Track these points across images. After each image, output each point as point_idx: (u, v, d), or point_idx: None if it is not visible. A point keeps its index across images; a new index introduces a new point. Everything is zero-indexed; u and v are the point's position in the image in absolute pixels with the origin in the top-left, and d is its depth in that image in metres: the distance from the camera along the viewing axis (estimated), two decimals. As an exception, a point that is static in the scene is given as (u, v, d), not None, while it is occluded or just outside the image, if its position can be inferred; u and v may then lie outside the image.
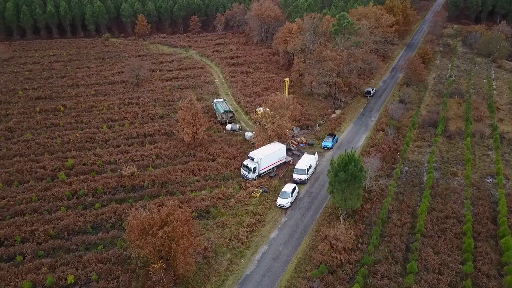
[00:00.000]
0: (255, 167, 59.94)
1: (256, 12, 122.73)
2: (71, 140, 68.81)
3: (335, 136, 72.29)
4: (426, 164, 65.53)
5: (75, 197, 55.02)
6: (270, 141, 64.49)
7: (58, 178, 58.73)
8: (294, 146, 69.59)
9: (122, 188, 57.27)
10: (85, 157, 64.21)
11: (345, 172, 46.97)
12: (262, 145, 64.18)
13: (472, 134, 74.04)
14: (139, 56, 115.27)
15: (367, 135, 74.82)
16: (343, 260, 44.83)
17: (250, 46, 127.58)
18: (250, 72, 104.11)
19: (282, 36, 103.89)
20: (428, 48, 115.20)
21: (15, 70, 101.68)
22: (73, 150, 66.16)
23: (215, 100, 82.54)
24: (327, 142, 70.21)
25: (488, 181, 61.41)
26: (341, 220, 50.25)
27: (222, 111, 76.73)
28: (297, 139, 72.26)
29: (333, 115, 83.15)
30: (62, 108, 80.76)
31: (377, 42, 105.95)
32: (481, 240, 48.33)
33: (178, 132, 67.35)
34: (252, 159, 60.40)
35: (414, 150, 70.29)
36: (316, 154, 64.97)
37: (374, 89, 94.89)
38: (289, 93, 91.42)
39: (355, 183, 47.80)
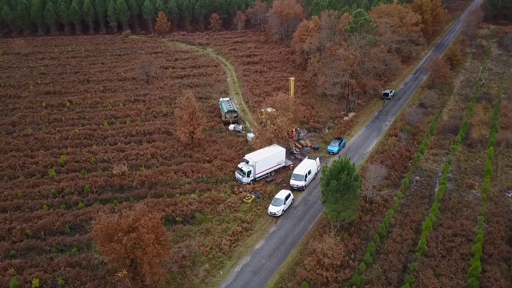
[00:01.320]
0: (250, 170, 56.40)
1: (276, 10, 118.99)
2: (69, 136, 67.65)
3: (342, 140, 67.64)
4: (440, 174, 59.94)
5: (60, 196, 53.37)
6: (269, 144, 60.77)
7: (48, 174, 57.32)
8: (297, 149, 65.51)
9: (110, 187, 55.18)
10: (80, 154, 62.72)
11: (337, 181, 42.67)
12: (261, 147, 60.56)
13: (496, 142, 67.53)
14: (155, 53, 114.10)
15: (378, 140, 69.67)
16: (329, 278, 40.59)
17: (269, 44, 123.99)
18: (264, 71, 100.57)
19: (299, 34, 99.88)
20: (457, 49, 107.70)
21: (31, 65, 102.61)
22: (69, 147, 64.86)
23: (221, 99, 79.56)
24: (333, 147, 65.72)
25: (509, 195, 55.22)
26: (332, 233, 45.88)
27: (226, 110, 73.63)
28: (302, 142, 68.10)
29: (345, 118, 78.35)
30: (68, 104, 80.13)
31: (400, 42, 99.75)
32: (491, 263, 42.76)
33: (176, 131, 64.71)
34: (247, 162, 56.92)
35: (429, 158, 64.65)
36: (317, 159, 60.72)
37: (393, 91, 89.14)
38: (302, 94, 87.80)
39: (349, 193, 43.37)
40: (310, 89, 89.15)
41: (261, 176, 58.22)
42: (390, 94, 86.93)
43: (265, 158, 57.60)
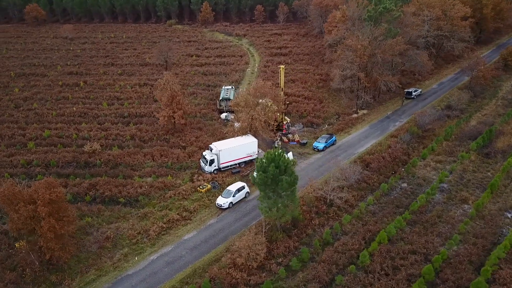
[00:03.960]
0: (213, 159, 53.30)
1: (315, 1, 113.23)
2: (65, 113, 69.82)
3: (332, 137, 61.57)
4: (434, 183, 51.79)
5: (29, 166, 54.88)
6: (243, 133, 57.08)
7: (27, 146, 59.41)
8: (279, 143, 60.80)
9: (76, 163, 55.60)
10: (67, 130, 64.30)
11: (264, 173, 38.17)
12: (233, 136, 57.17)
13: (521, 155, 57.02)
14: (189, 41, 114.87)
15: (377, 141, 62.36)
16: (239, 280, 36.39)
17: (307, 38, 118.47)
18: (288, 63, 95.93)
19: (327, 26, 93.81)
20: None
21: (71, 48, 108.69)
22: (61, 123, 66.89)
23: (223, 87, 77.06)
24: (319, 143, 60.06)
25: (509, 215, 45.90)
26: (263, 232, 41.30)
27: (220, 98, 71.03)
28: (290, 136, 63.23)
29: (354, 115, 71.57)
30: (81, 84, 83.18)
31: (441, 37, 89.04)
32: (441, 291, 35.48)
33: (157, 114, 63.65)
34: (212, 150, 53.93)
35: (429, 165, 56.37)
36: (290, 153, 55.73)
37: (419, 90, 79.80)
38: (318, 88, 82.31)
39: (279, 188, 38.60)
40: (327, 83, 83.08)
41: (228, 166, 54.81)
42: (414, 94, 77.88)
43: (232, 148, 54.11)
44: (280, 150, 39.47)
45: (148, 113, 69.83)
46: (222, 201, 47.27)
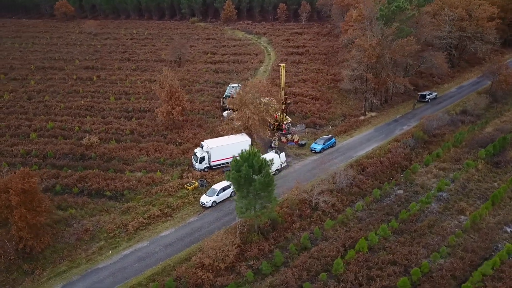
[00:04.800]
0: (204, 156, 52.73)
1: (336, 0, 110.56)
2: (73, 106, 71.29)
3: (332, 139, 59.58)
4: (433, 191, 49.00)
5: (28, 156, 56.27)
6: (237, 132, 56.19)
7: (29, 137, 61.05)
8: (276, 143, 59.39)
9: (72, 156, 56.49)
10: (70, 122, 65.62)
11: (237, 173, 37.15)
12: (227, 134, 56.39)
13: (534, 165, 53.19)
14: (208, 39, 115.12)
15: (379, 145, 59.81)
16: (205, 281, 35.57)
17: (328, 37, 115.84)
18: (302, 62, 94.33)
19: (344, 25, 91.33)
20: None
21: (92, 43, 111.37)
22: (67, 115, 68.38)
23: (230, 84, 76.40)
24: (317, 145, 58.26)
25: (508, 230, 42.72)
26: (237, 232, 40.25)
27: (224, 95, 70.40)
28: (289, 136, 61.74)
29: (361, 117, 69.14)
30: (95, 78, 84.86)
31: (462, 38, 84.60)
32: (415, 306, 33.31)
33: (156, 110, 63.77)
34: (203, 147, 53.39)
35: (431, 172, 53.44)
36: (283, 154, 54.34)
37: (435, 94, 76.17)
38: (329, 88, 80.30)
39: (252, 189, 37.47)
40: (339, 83, 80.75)
41: (219, 165, 54.06)
42: (428, 97, 74.37)
43: (224, 146, 53.32)
44: (256, 150, 38.35)
45: (152, 108, 70.01)
46: (205, 199, 46.62)
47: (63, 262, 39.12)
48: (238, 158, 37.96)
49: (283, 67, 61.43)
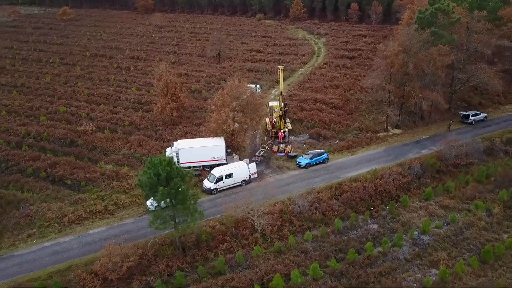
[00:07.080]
0: (171, 157, 49.94)
1: (405, 1, 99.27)
2: (95, 94, 74.03)
3: (323, 154, 52.60)
4: (411, 233, 40.37)
5: (28, 137, 59.35)
6: (215, 135, 52.46)
7: (39, 118, 64.57)
8: (261, 152, 54.03)
9: (63, 141, 58.19)
10: (83, 108, 68.04)
11: (142, 180, 33.97)
12: (208, 136, 53.01)
13: None
14: (263, 37, 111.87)
15: (380, 167, 51.06)
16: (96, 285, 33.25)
17: (393, 42, 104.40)
18: (347, 67, 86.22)
19: (396, 29, 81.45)
20: None
21: (153, 35, 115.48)
22: (84, 101, 71.11)
23: (248, 84, 72.28)
24: (302, 159, 51.88)
25: (486, 299, 33.05)
26: (149, 242, 36.98)
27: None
28: (282, 145, 56.13)
29: (381, 134, 60.45)
30: (132, 68, 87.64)
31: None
32: None
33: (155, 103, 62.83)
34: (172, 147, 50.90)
35: (427, 209, 44.35)
36: (253, 164, 49.22)
37: (483, 115, 63.43)
38: (358, 98, 72.15)
39: (157, 199, 34.04)
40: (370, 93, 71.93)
41: (190, 167, 50.90)
42: (472, 118, 62.19)
43: (195, 148, 50.20)
44: (168, 156, 34.78)
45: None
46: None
47: (-11, 245, 39.88)
48: (148, 163, 34.70)
49: (281, 70, 55.91)
